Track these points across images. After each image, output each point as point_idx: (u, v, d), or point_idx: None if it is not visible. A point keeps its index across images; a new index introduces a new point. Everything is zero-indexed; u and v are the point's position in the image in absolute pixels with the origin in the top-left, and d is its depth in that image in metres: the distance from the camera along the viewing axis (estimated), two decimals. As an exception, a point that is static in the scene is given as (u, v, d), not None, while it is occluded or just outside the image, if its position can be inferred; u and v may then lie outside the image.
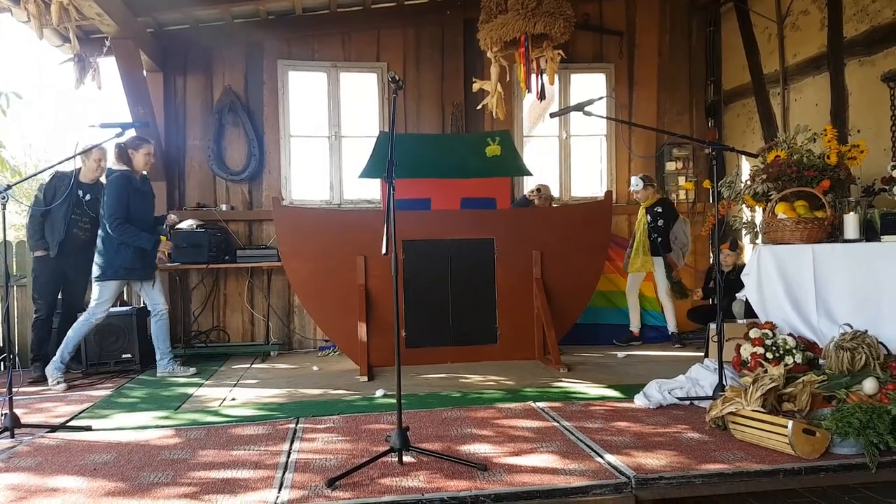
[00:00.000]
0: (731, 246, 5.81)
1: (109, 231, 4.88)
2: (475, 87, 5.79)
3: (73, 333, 4.94)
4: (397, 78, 2.91)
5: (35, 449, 3.23)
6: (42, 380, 5.04)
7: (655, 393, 3.79)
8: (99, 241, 4.97)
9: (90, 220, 5.34)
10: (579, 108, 3.68)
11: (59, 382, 4.82)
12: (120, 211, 4.85)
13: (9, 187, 3.52)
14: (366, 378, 4.84)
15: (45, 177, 5.33)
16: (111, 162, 5.08)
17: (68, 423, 3.69)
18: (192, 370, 5.25)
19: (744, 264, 5.78)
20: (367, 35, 6.74)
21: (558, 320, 5.39)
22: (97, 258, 4.97)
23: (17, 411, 3.52)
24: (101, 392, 4.63)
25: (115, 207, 4.84)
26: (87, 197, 5.34)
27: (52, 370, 4.88)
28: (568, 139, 7.02)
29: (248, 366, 5.65)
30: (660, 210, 6.06)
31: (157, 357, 5.22)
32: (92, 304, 4.98)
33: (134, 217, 4.93)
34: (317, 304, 5.37)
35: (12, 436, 3.40)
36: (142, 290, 5.20)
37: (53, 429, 3.56)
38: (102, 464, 2.96)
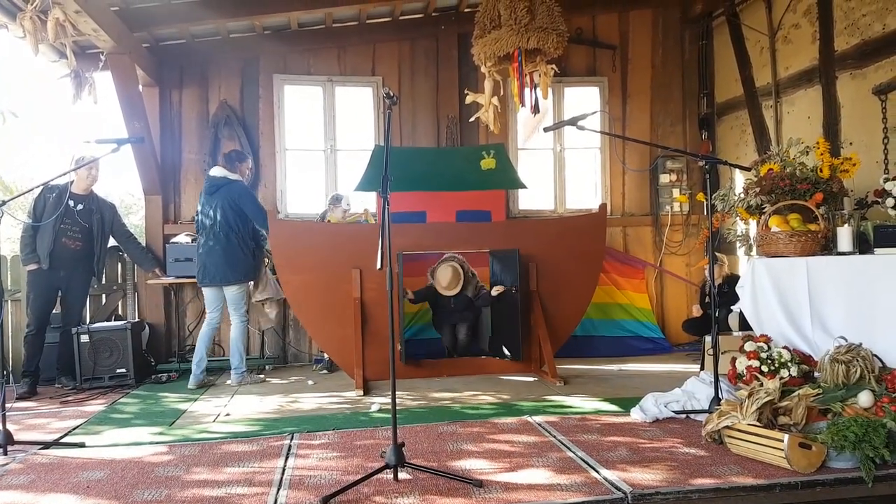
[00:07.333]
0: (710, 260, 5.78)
1: (262, 228, 5.32)
2: (468, 99, 5.82)
3: (238, 341, 5.35)
4: (392, 94, 2.93)
5: (28, 466, 3.21)
6: (30, 396, 5.04)
7: (652, 406, 3.79)
8: (230, 248, 5.23)
9: (81, 230, 5.36)
10: (573, 122, 3.70)
11: (253, 383, 5.38)
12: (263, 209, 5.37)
13: (3, 203, 3.52)
14: (361, 392, 4.83)
15: (39, 191, 5.33)
16: (222, 172, 5.35)
17: (62, 440, 3.67)
18: (261, 377, 5.62)
19: (731, 275, 5.78)
20: (362, 49, 6.76)
21: (554, 333, 5.39)
22: (230, 266, 5.23)
23: (10, 427, 3.50)
24: (95, 407, 4.61)
25: (260, 208, 5.37)
26: (79, 207, 5.35)
27: (237, 378, 5.32)
28: (562, 152, 7.04)
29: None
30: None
31: (234, 365, 5.36)
32: (240, 307, 5.34)
33: None
34: (312, 317, 5.36)
35: (5, 453, 3.38)
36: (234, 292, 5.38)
37: (47, 445, 3.54)
38: (96, 481, 2.94)
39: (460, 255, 5.54)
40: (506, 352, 5.38)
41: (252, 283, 5.53)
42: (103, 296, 6.21)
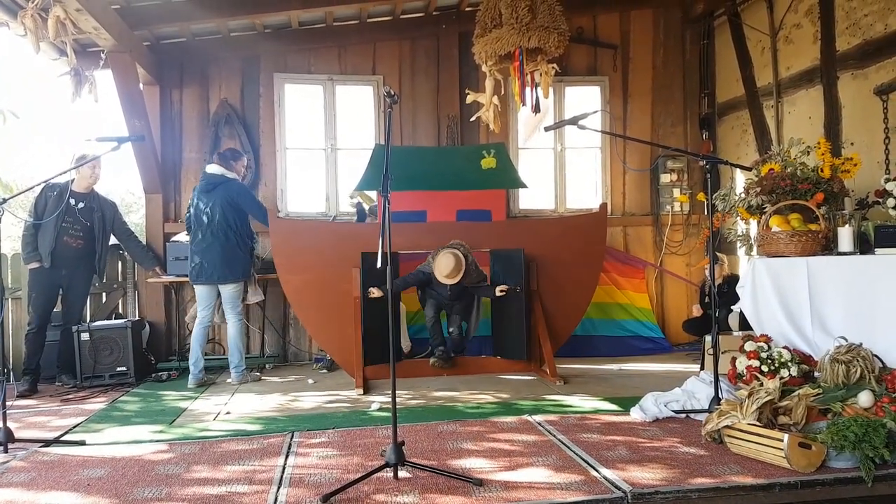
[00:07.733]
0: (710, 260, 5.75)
1: (264, 224, 5.37)
2: (469, 98, 5.81)
3: (237, 339, 5.35)
4: (392, 92, 2.93)
5: (29, 464, 3.21)
6: (31, 394, 5.04)
7: (651, 406, 3.79)
8: (229, 247, 5.24)
9: (82, 229, 5.36)
10: (573, 121, 3.70)
11: (253, 380, 5.41)
12: (264, 206, 5.48)
13: (4, 201, 3.52)
14: (361, 391, 4.83)
15: (40, 189, 5.34)
16: (219, 170, 5.39)
17: (62, 438, 3.67)
18: (257, 374, 5.63)
19: (731, 275, 5.78)
20: (362, 48, 6.76)
21: (554, 332, 5.39)
22: (228, 264, 5.24)
23: (11, 425, 3.50)
24: (96, 406, 4.61)
25: (260, 205, 5.51)
26: (80, 205, 5.36)
27: (237, 377, 5.31)
28: (563, 151, 7.04)
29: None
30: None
31: (234, 364, 5.35)
32: (237, 305, 5.36)
33: None
34: (312, 316, 5.36)
35: (6, 450, 3.39)
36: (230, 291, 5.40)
37: (47, 443, 3.54)
38: (96, 479, 2.94)
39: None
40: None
41: (244, 283, 5.51)
42: (104, 294, 6.21)
